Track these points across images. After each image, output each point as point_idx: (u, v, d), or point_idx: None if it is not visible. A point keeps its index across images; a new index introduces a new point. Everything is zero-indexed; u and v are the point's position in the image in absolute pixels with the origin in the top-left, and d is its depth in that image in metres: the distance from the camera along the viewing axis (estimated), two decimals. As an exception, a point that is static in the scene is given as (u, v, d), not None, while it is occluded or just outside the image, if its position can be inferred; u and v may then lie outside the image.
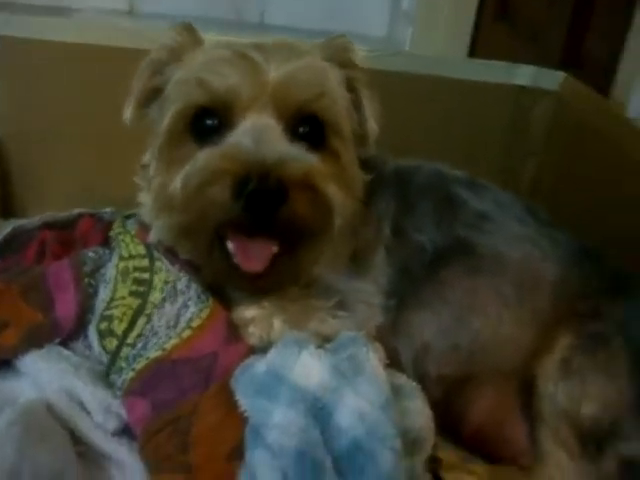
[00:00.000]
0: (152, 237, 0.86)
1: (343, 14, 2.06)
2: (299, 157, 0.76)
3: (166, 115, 0.81)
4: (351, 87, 0.86)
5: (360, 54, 0.89)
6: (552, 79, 1.34)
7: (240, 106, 0.78)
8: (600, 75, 1.41)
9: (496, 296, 0.89)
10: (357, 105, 0.86)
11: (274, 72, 0.78)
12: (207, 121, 0.79)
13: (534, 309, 0.89)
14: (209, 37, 0.88)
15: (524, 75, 1.34)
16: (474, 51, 1.96)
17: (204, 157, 0.76)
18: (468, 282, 0.90)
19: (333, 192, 0.78)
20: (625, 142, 1.14)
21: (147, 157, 0.87)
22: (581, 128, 1.27)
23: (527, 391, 0.87)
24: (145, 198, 0.88)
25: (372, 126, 0.86)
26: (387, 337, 0.87)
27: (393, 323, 0.89)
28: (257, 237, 0.77)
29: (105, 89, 0.96)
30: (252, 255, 0.77)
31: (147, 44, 0.88)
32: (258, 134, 0.76)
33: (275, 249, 0.77)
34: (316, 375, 0.73)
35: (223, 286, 0.86)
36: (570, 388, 0.83)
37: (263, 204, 0.73)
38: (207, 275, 0.85)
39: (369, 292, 0.88)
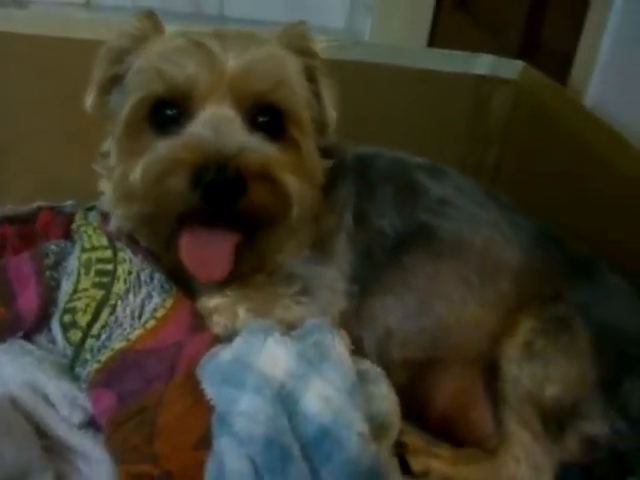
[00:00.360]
0: (112, 226, 0.86)
1: (302, 6, 2.06)
2: (257, 147, 0.76)
3: (126, 105, 0.80)
4: (310, 75, 0.86)
5: (319, 44, 0.89)
6: (511, 68, 1.36)
7: (199, 96, 0.77)
8: (557, 65, 1.43)
9: (459, 280, 0.91)
10: (316, 93, 0.86)
11: (232, 62, 0.77)
12: (167, 111, 0.79)
13: (497, 293, 0.90)
14: (169, 28, 0.87)
15: (483, 64, 1.36)
16: (433, 41, 1.97)
17: (164, 147, 0.76)
18: (430, 267, 0.91)
19: (291, 182, 0.78)
20: (583, 130, 1.16)
21: (107, 145, 0.86)
22: (539, 116, 1.29)
23: (491, 374, 0.89)
24: (105, 186, 0.87)
25: (331, 114, 0.86)
26: (351, 324, 0.87)
27: (356, 310, 0.89)
28: (216, 230, 0.77)
29: (63, 81, 0.95)
30: (208, 265, 0.78)
31: (105, 35, 0.87)
32: (217, 124, 0.76)
33: (232, 244, 0.78)
34: (282, 362, 0.74)
35: (185, 274, 0.86)
36: (533, 370, 0.85)
37: (221, 194, 0.73)
38: (167, 264, 0.85)
39: (332, 277, 0.88)
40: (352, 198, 0.92)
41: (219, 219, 0.76)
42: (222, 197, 0.73)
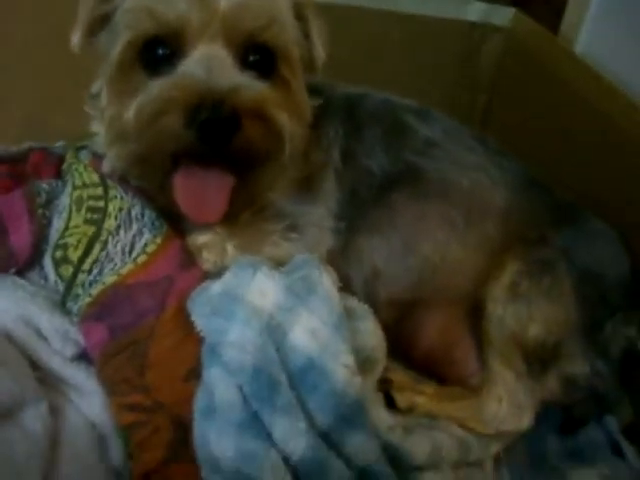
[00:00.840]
0: (106, 166, 0.86)
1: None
2: (250, 85, 0.76)
3: (116, 45, 0.79)
4: (299, 14, 0.85)
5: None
6: (502, 15, 1.36)
7: (191, 35, 0.77)
8: (549, 12, 1.42)
9: (444, 221, 0.92)
10: (305, 32, 0.86)
11: (224, 1, 0.77)
12: (158, 51, 0.78)
13: (482, 234, 0.92)
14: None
15: (475, 11, 1.35)
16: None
17: (157, 87, 0.76)
18: (417, 207, 0.92)
19: (284, 119, 0.78)
20: (572, 77, 1.17)
21: (97, 86, 0.85)
22: (530, 64, 1.29)
23: (476, 315, 0.91)
24: (98, 128, 0.87)
25: (320, 52, 0.86)
26: (338, 263, 0.89)
27: (344, 248, 0.91)
28: (211, 172, 0.77)
29: (52, 18, 0.94)
30: (203, 207, 0.78)
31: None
32: (209, 63, 0.76)
33: (227, 186, 0.78)
34: (271, 295, 0.75)
35: (177, 213, 0.86)
36: (517, 311, 0.87)
37: (216, 132, 0.73)
38: (160, 204, 0.85)
39: (320, 215, 0.89)
40: (340, 137, 0.93)
41: (214, 158, 0.76)
42: (217, 135, 0.73)
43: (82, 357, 0.81)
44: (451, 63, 1.37)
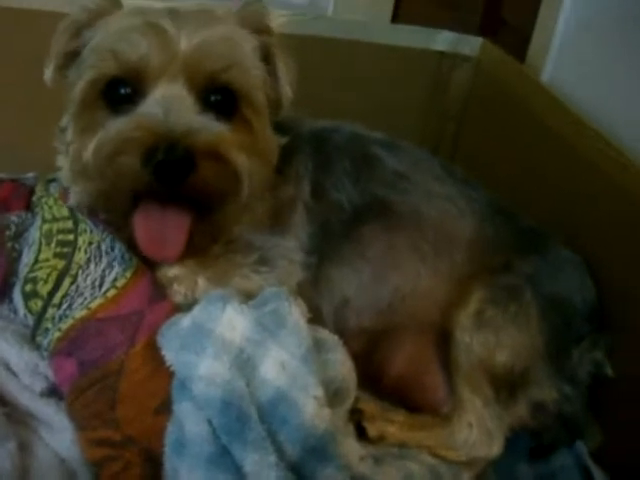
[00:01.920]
0: (71, 201, 0.86)
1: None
2: (207, 127, 0.77)
3: (80, 82, 0.80)
4: (267, 53, 0.86)
5: (281, 19, 0.90)
6: (471, 45, 1.38)
7: (151, 75, 0.78)
8: (516, 40, 1.45)
9: (413, 252, 0.93)
10: (272, 71, 0.86)
11: (185, 42, 0.78)
12: (120, 90, 0.79)
13: (450, 264, 0.93)
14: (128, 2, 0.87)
15: (444, 41, 1.38)
16: (397, 17, 1.97)
17: (115, 126, 0.77)
18: (386, 239, 0.94)
19: (241, 160, 0.79)
20: (539, 107, 1.19)
21: (65, 120, 0.86)
22: (498, 93, 1.32)
23: (445, 343, 0.92)
24: (63, 162, 0.87)
25: (286, 92, 0.87)
26: (309, 294, 0.89)
27: (314, 280, 0.91)
28: (170, 210, 0.78)
29: (27, 51, 0.94)
30: (161, 245, 0.79)
31: (62, 7, 0.87)
32: (168, 104, 0.77)
33: (186, 224, 0.79)
34: (240, 328, 0.76)
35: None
36: (484, 338, 0.88)
37: (171, 173, 0.74)
38: (125, 238, 0.85)
39: (290, 248, 0.90)
40: (309, 172, 0.93)
41: (172, 197, 0.77)
42: (172, 175, 0.74)
43: (52, 392, 0.80)
44: (420, 92, 1.39)
